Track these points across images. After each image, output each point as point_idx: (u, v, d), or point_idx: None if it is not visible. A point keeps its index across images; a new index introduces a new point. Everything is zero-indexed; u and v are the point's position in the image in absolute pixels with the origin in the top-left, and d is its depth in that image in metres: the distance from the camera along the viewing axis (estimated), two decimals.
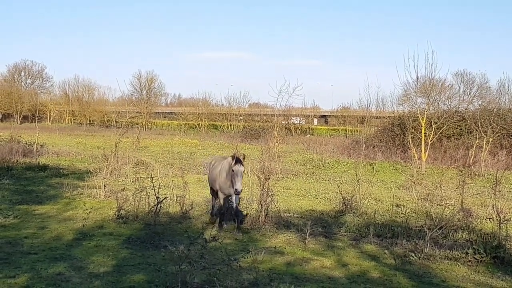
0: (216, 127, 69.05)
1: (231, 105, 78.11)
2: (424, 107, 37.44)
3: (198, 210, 16.90)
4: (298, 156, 37.67)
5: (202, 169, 30.01)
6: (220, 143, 46.63)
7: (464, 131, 39.00)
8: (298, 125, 69.44)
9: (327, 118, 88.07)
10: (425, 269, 11.70)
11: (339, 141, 49.64)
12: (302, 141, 50.48)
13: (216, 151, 41.89)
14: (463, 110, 43.94)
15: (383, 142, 40.61)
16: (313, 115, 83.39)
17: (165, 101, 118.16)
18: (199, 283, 9.39)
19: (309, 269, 11.31)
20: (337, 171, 31.97)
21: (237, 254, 11.42)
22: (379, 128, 46.38)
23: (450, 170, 28.39)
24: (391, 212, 17.64)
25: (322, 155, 37.63)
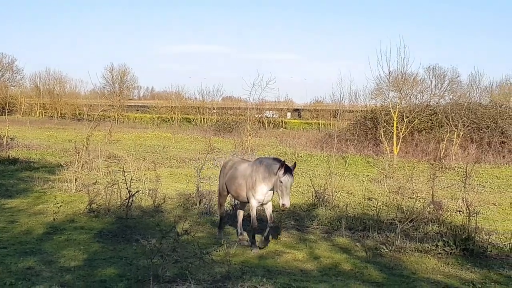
0: (189, 121, 68.74)
1: (204, 99, 77.86)
2: (396, 101, 37.60)
3: (171, 203, 16.85)
4: (271, 149, 37.66)
5: (175, 162, 29.94)
6: (193, 137, 46.47)
7: (435, 125, 39.23)
8: (271, 118, 69.42)
9: (300, 111, 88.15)
10: (396, 261, 11.81)
11: (312, 134, 49.72)
12: (275, 134, 50.52)
13: (189, 145, 41.79)
14: (434, 104, 44.25)
15: (355, 136, 40.72)
16: (286, 109, 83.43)
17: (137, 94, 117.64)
18: (171, 276, 9.38)
19: (281, 262, 11.36)
20: (309, 164, 32.01)
21: (209, 248, 11.46)
22: (352, 122, 46.48)
23: (421, 164, 28.60)
24: (363, 205, 17.75)
25: (295, 148, 37.64)
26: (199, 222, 14.62)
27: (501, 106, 42.52)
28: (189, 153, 34.84)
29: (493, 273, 11.25)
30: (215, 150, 35.01)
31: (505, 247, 13.30)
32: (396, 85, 38.26)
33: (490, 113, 39.56)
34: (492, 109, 41.07)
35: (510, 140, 37.35)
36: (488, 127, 38.03)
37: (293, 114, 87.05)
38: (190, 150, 36.97)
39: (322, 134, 47.63)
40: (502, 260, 12.25)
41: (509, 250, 12.96)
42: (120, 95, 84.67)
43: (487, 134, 37.53)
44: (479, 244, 12.76)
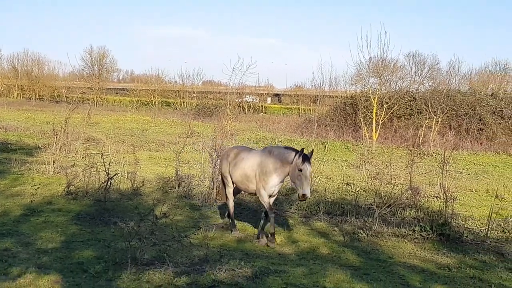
0: (169, 104, 68.57)
1: (184, 82, 77.61)
2: (376, 87, 37.73)
3: (149, 187, 16.82)
4: (251, 134, 37.69)
5: (154, 146, 29.86)
6: (173, 120, 46.37)
7: (414, 111, 39.43)
8: (251, 103, 69.41)
9: (281, 96, 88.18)
10: (373, 245, 11.89)
11: (292, 119, 49.79)
12: (255, 119, 50.54)
13: (168, 128, 41.67)
14: (414, 90, 44.35)
15: (335, 121, 40.86)
16: (267, 94, 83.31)
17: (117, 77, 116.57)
18: (149, 259, 9.38)
19: (259, 246, 11.39)
20: None
21: (187, 231, 11.46)
22: (332, 108, 46.57)
23: (399, 150, 28.82)
24: (341, 190, 17.81)
25: (274, 133, 37.73)
26: (178, 206, 14.60)
27: (479, 94, 42.79)
28: (168, 136, 34.77)
29: (469, 258, 11.37)
30: (194, 134, 34.93)
31: (481, 232, 13.43)
32: (376, 71, 38.37)
33: (468, 100, 39.86)
34: (470, 96, 41.37)
35: (487, 127, 37.71)
36: (467, 114, 38.33)
37: (273, 99, 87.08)
38: (169, 134, 36.88)
39: (302, 119, 47.72)
40: (477, 245, 12.37)
41: (484, 235, 13.09)
42: (99, 78, 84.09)
43: (465, 121, 37.86)
44: (455, 230, 12.90)
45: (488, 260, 11.30)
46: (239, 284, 8.56)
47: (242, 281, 8.71)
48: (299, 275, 9.27)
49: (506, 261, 11.36)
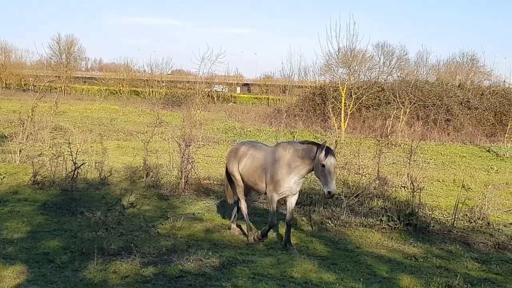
0: (138, 93, 68.04)
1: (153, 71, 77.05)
2: (345, 77, 37.91)
3: (117, 176, 16.68)
4: (220, 124, 37.62)
5: (123, 135, 29.66)
6: (141, 109, 46.02)
7: (382, 101, 39.69)
8: (220, 93, 69.22)
9: (250, 86, 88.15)
10: (341, 235, 11.95)
11: (261, 109, 49.79)
12: (224, 109, 50.42)
13: (137, 118, 41.37)
14: (382, 81, 44.63)
15: (304, 111, 40.97)
16: (236, 83, 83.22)
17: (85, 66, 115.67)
18: (116, 249, 9.32)
19: (227, 236, 11.38)
20: (258, 139, 32.05)
21: (155, 221, 11.38)
22: (301, 98, 46.68)
23: (368, 140, 28.99)
24: (310, 180, 17.84)
25: (244, 123, 37.67)
26: (146, 196, 14.51)
27: (447, 84, 43.22)
28: (137, 126, 34.56)
29: (435, 247, 11.49)
30: (163, 123, 34.77)
31: (447, 222, 13.58)
32: (345, 61, 38.56)
33: (436, 91, 40.25)
34: (438, 87, 41.75)
35: (455, 118, 38.11)
36: (434, 104, 38.70)
37: (243, 89, 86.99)
38: (138, 123, 36.66)
39: (271, 109, 47.78)
40: (444, 235, 12.51)
41: (451, 225, 13.23)
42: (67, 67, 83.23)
43: (433, 112, 38.22)
44: (422, 219, 13.03)
45: (454, 250, 11.43)
46: (206, 274, 8.53)
47: (210, 271, 8.69)
48: (267, 265, 9.27)
49: (472, 250, 11.51)
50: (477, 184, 19.65)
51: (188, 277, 8.37)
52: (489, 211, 14.43)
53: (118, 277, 8.19)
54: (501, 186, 19.49)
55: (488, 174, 23.14)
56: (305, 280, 8.64)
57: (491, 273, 9.97)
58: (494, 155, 29.43)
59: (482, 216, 13.95)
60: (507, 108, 38.14)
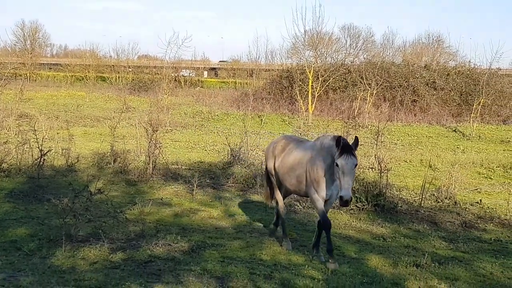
0: (104, 79, 67.29)
1: (119, 57, 76.26)
2: (311, 60, 38.04)
3: (84, 163, 16.57)
4: (187, 108, 37.47)
5: (89, 121, 29.44)
6: (108, 95, 45.55)
7: (349, 83, 39.81)
8: (187, 77, 68.78)
9: (217, 70, 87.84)
10: (309, 217, 12.04)
11: (228, 93, 49.62)
12: (191, 93, 50.14)
13: (104, 103, 40.96)
14: (349, 63, 44.78)
15: (271, 95, 40.93)
16: (203, 68, 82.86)
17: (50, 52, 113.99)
18: (84, 235, 9.24)
19: (196, 220, 11.37)
20: (226, 123, 32.12)
21: (123, 207, 11.32)
22: (268, 81, 46.63)
23: (335, 122, 29.15)
24: None
25: (211, 107, 37.58)
26: (113, 181, 14.44)
27: (413, 65, 43.52)
28: (103, 112, 34.27)
29: (403, 227, 11.63)
30: (130, 109, 34.56)
31: (415, 202, 13.75)
32: (312, 44, 38.66)
33: (402, 72, 40.48)
34: (404, 68, 42.01)
35: (421, 98, 38.40)
36: (401, 86, 38.95)
37: (210, 73, 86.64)
38: (104, 109, 36.34)
39: (238, 93, 47.65)
40: (411, 215, 12.67)
41: (418, 205, 13.39)
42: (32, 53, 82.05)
43: (400, 93, 38.47)
44: (390, 200, 13.16)
45: (422, 229, 11.59)
46: (175, 258, 8.51)
47: (179, 255, 8.67)
48: (236, 248, 9.29)
49: (439, 229, 11.67)
50: (444, 164, 19.86)
51: (157, 261, 8.35)
52: (455, 191, 14.66)
53: (86, 263, 8.13)
54: (467, 166, 19.71)
55: (454, 154, 23.43)
56: (274, 262, 8.68)
57: (458, 252, 10.13)
58: (460, 135, 29.80)
59: (449, 196, 14.16)
60: (472, 88, 38.51)
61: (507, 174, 19.19)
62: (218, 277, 7.80)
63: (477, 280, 8.45)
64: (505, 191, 16.04)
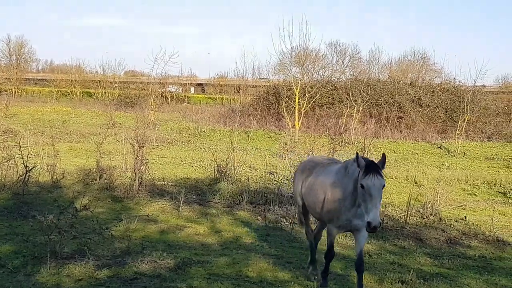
0: (90, 95, 67.16)
1: (105, 72, 76.19)
2: (298, 76, 38.13)
3: (70, 179, 16.49)
4: (174, 124, 37.47)
5: (75, 137, 29.35)
6: (94, 111, 45.46)
7: (336, 100, 39.94)
8: (174, 93, 68.78)
9: (204, 86, 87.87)
10: (295, 234, 12.01)
11: (215, 109, 49.69)
12: (178, 109, 50.20)
13: (90, 119, 40.90)
14: (335, 80, 44.91)
15: (258, 111, 40.98)
16: (190, 84, 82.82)
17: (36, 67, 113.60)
18: (69, 252, 9.21)
19: (182, 236, 11.35)
20: (212, 139, 32.13)
21: (109, 223, 11.34)
22: (255, 97, 46.72)
23: (322, 138, 29.11)
24: (265, 179, 17.94)
25: (198, 123, 37.61)
26: (99, 198, 14.38)
27: (399, 82, 43.74)
28: (89, 127, 34.21)
29: (389, 244, 11.66)
30: (116, 124, 34.49)
31: (400, 218, 13.78)
32: (298, 60, 38.82)
33: (388, 89, 40.67)
34: (390, 85, 42.21)
35: (407, 115, 38.59)
36: (387, 102, 39.13)
37: (197, 89, 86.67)
38: (90, 125, 36.27)
39: (225, 109, 47.70)
40: (397, 231, 12.68)
41: (404, 221, 13.44)
42: (17, 68, 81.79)
43: (385, 110, 38.65)
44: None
45: (407, 246, 11.61)
46: (161, 275, 8.50)
47: (165, 272, 8.65)
48: (222, 265, 9.28)
49: (425, 246, 11.71)
50: (429, 180, 19.94)
51: (142, 279, 8.33)
52: (441, 207, 14.75)
53: (71, 280, 8.10)
54: (452, 182, 19.85)
55: (439, 171, 23.54)
56: (261, 279, 8.68)
57: (443, 268, 10.16)
58: (446, 151, 29.94)
59: (434, 212, 14.22)
60: (457, 105, 38.69)
61: (491, 191, 19.31)
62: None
63: None
64: (490, 208, 16.10)
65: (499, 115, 39.57)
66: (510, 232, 13.51)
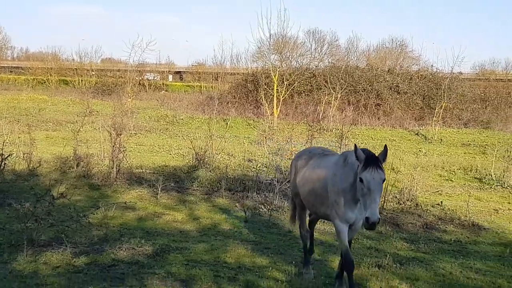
0: (67, 83, 66.59)
1: (82, 60, 75.63)
2: (276, 64, 38.10)
3: (47, 167, 16.37)
4: (152, 112, 37.30)
5: (52, 125, 29.14)
6: (71, 99, 45.05)
7: (314, 87, 39.99)
8: (152, 81, 68.46)
9: (182, 74, 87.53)
10: (274, 220, 12.06)
11: (193, 97, 49.49)
12: (156, 97, 49.97)
13: (66, 107, 40.56)
14: (314, 67, 44.93)
15: (236, 98, 40.89)
16: (168, 71, 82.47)
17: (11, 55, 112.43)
18: (46, 240, 9.16)
19: (160, 223, 11.34)
20: (191, 127, 32.04)
21: (86, 211, 11.27)
22: (233, 85, 46.60)
23: (300, 125, 29.18)
24: (243, 167, 17.96)
25: (176, 111, 37.48)
26: (77, 186, 14.30)
27: (377, 70, 43.86)
28: (66, 115, 33.93)
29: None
30: (93, 112, 34.25)
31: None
32: (277, 48, 38.78)
33: (366, 76, 40.76)
34: (368, 72, 42.30)
35: (384, 102, 38.75)
36: (365, 90, 39.25)
37: (175, 77, 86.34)
38: (67, 113, 35.95)
39: (203, 96, 47.55)
40: None
41: (381, 207, 13.50)
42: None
43: (364, 97, 38.76)
44: None
45: (384, 231, 11.69)
46: (139, 262, 8.48)
47: (143, 259, 8.64)
48: (201, 251, 9.29)
49: (401, 231, 11.81)
50: (406, 166, 20.07)
51: (120, 265, 8.31)
52: (417, 193, 14.89)
53: (49, 268, 8.06)
54: (429, 168, 20.03)
55: (416, 157, 23.72)
56: (239, 265, 8.70)
57: (419, 252, 10.26)
58: (423, 138, 30.16)
59: (411, 198, 14.35)
60: (434, 92, 38.91)
61: (468, 177, 19.50)
62: (182, 280, 7.79)
63: (437, 280, 8.57)
64: (465, 193, 16.26)
65: (476, 102, 39.89)
66: (485, 217, 13.67)
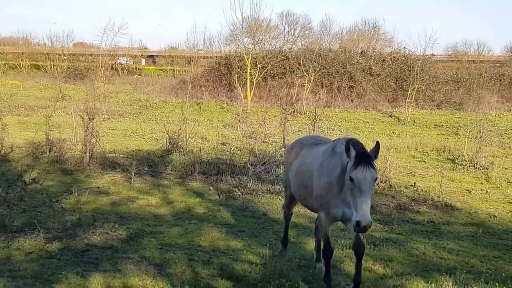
0: (39, 67, 65.82)
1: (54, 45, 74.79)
2: (249, 47, 38.05)
3: (19, 152, 16.24)
4: (125, 96, 37.05)
5: (23, 110, 28.83)
6: (43, 84, 44.62)
7: (287, 70, 39.99)
8: (125, 65, 67.98)
9: (155, 58, 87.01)
10: (248, 203, 12.10)
11: (166, 81, 49.19)
12: (129, 81, 49.61)
13: (38, 92, 40.16)
14: (287, 50, 44.88)
15: (210, 82, 40.77)
16: (141, 55, 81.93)
17: None
18: (18, 226, 9.11)
19: (134, 208, 11.32)
20: (164, 111, 31.90)
21: (59, 196, 11.20)
22: (206, 68, 46.43)
23: (274, 108, 29.25)
24: (217, 150, 17.95)
25: (149, 95, 37.28)
26: (49, 171, 14.20)
27: (349, 52, 43.90)
28: (38, 100, 33.58)
29: None
30: (66, 97, 33.96)
31: None
32: (250, 31, 38.73)
33: (339, 59, 40.81)
34: (341, 54, 42.34)
35: (358, 84, 38.86)
36: (338, 72, 39.32)
37: (148, 61, 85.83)
38: (39, 98, 35.61)
39: (176, 80, 47.29)
40: None
41: None
42: None
43: (337, 79, 38.85)
44: None
45: None
46: (113, 247, 8.46)
47: (117, 243, 8.62)
48: (175, 235, 9.29)
49: (375, 212, 11.90)
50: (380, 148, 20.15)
51: (94, 250, 8.29)
52: (391, 174, 15.00)
53: (22, 253, 8.01)
54: (402, 150, 20.17)
55: (390, 139, 23.88)
56: (213, 248, 8.72)
57: (393, 233, 10.36)
58: (396, 120, 30.36)
59: (385, 179, 14.46)
60: (407, 74, 39.10)
61: (440, 158, 19.66)
62: (157, 264, 7.80)
63: (410, 260, 8.67)
64: (438, 174, 16.42)
65: (448, 83, 40.12)
66: (458, 197, 13.79)
